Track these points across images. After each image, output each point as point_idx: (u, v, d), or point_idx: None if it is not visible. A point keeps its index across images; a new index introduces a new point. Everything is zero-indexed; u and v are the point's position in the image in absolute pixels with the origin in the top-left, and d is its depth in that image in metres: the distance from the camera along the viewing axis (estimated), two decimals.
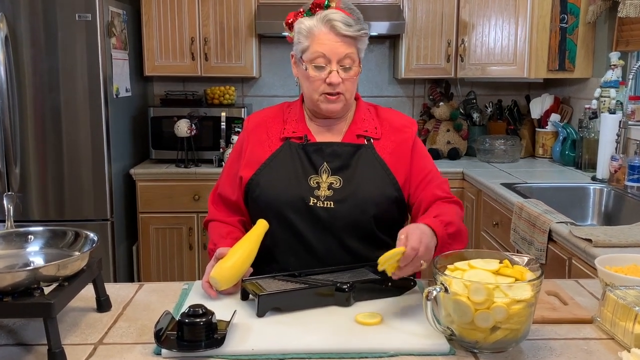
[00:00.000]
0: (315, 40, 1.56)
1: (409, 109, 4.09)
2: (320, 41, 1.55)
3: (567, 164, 3.42)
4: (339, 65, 1.56)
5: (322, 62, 1.56)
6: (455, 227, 1.49)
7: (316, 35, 1.56)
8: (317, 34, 1.56)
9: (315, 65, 1.56)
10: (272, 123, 1.70)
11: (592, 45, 3.44)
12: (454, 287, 1.12)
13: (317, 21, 1.56)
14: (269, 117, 1.72)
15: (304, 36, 1.58)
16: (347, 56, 1.55)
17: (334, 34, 1.54)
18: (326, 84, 1.56)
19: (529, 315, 1.13)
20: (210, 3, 3.58)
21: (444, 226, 1.45)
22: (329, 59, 1.55)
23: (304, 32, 1.58)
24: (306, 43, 1.58)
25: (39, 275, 1.11)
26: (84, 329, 1.25)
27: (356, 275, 1.44)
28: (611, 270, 1.35)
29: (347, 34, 1.54)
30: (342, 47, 1.55)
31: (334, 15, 1.54)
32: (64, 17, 3.08)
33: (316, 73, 1.57)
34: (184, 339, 1.14)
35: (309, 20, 1.57)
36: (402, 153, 1.65)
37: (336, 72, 1.55)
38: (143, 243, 3.51)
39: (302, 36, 1.59)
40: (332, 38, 1.55)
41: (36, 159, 3.19)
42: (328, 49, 1.55)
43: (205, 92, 3.84)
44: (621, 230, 1.98)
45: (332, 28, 1.54)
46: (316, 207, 1.56)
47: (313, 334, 1.20)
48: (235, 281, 1.41)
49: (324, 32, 1.55)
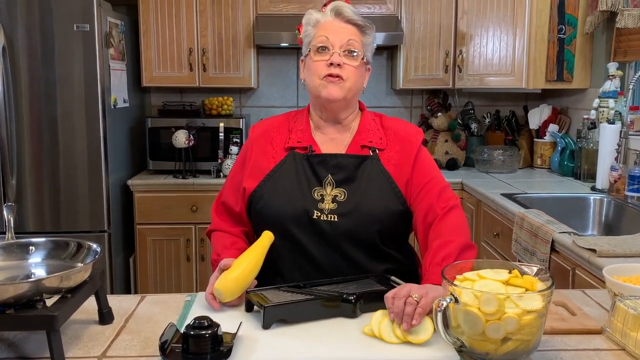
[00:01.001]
0: (321, 28, 1.61)
1: (407, 120, 4.08)
2: (325, 27, 1.60)
3: (566, 174, 3.42)
4: (343, 51, 1.58)
5: (325, 43, 1.58)
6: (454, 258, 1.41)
7: (322, 23, 1.62)
8: (323, 22, 1.62)
9: (319, 47, 1.58)
10: (277, 132, 1.68)
11: (590, 56, 3.45)
12: (464, 298, 1.10)
13: (325, 12, 1.62)
14: (274, 126, 1.70)
15: (311, 26, 1.63)
16: (351, 41, 1.58)
17: (339, 20, 1.61)
18: (327, 66, 1.56)
19: (540, 326, 1.11)
20: (208, 14, 3.58)
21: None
22: (332, 43, 1.57)
23: (312, 23, 1.63)
24: (312, 32, 1.62)
25: (41, 287, 1.08)
26: (86, 342, 1.22)
27: (362, 286, 1.42)
28: (619, 280, 1.34)
29: (352, 18, 1.60)
30: (346, 32, 1.59)
31: (340, 4, 1.61)
32: (61, 28, 3.07)
33: (319, 57, 1.58)
34: (189, 352, 1.12)
35: (318, 12, 1.64)
36: (407, 163, 1.63)
37: (338, 54, 1.57)
38: (140, 254, 3.48)
39: (309, 27, 1.63)
40: (337, 24, 1.60)
41: (33, 170, 3.17)
42: (332, 32, 1.59)
43: (203, 103, 3.83)
44: (624, 240, 1.97)
45: (337, 14, 1.61)
46: (320, 220, 1.54)
47: (320, 345, 1.18)
48: (239, 293, 1.38)
49: (330, 20, 1.61)
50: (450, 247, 1.44)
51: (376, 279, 1.47)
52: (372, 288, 1.41)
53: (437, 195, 1.59)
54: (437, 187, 1.61)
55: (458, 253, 1.43)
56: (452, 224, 1.53)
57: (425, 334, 1.20)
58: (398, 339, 1.20)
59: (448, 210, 1.55)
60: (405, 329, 1.20)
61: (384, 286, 1.41)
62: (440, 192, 1.60)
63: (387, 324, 1.23)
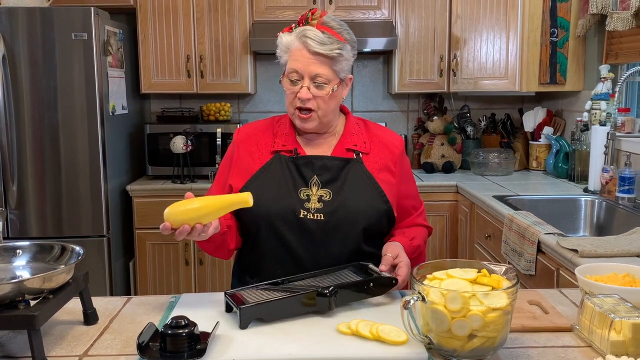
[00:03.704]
0: (291, 56, 1.60)
1: (404, 124, 4.12)
2: (294, 57, 1.59)
3: (561, 176, 3.44)
4: (312, 82, 1.58)
5: (294, 77, 1.59)
6: (419, 252, 1.71)
7: (292, 50, 1.60)
8: (292, 49, 1.59)
9: (290, 80, 1.60)
10: (262, 136, 1.72)
11: (582, 59, 3.47)
12: (431, 296, 1.13)
13: (293, 36, 1.59)
14: (259, 129, 1.74)
15: (283, 51, 1.63)
16: (319, 75, 1.57)
17: (306, 51, 1.56)
18: (297, 98, 1.59)
19: (505, 323, 1.14)
20: (205, 21, 3.63)
21: (413, 251, 1.65)
22: (302, 74, 1.58)
23: (282, 47, 1.62)
24: (285, 57, 1.62)
25: (23, 288, 1.13)
26: (69, 341, 1.26)
27: (338, 279, 1.46)
28: (591, 279, 1.37)
29: (319, 51, 1.55)
30: (313, 66, 1.57)
31: (308, 32, 1.56)
32: (61, 37, 3.13)
33: (290, 87, 1.61)
34: (166, 350, 1.15)
35: (288, 35, 1.61)
36: (389, 170, 1.70)
37: (307, 88, 1.57)
38: (140, 259, 3.53)
39: (281, 51, 1.63)
40: (305, 55, 1.57)
41: (34, 177, 3.23)
42: (301, 65, 1.57)
43: (201, 109, 3.89)
44: (607, 241, 1.99)
45: (304, 44, 1.56)
46: (306, 219, 1.58)
47: (293, 343, 1.21)
48: (181, 224, 1.37)
49: (298, 49, 1.58)
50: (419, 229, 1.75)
51: (353, 269, 1.51)
52: (348, 280, 1.44)
53: (417, 215, 1.79)
54: (416, 209, 1.80)
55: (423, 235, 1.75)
56: (423, 231, 1.78)
57: (399, 338, 1.22)
58: (372, 336, 1.23)
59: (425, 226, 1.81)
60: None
61: (360, 276, 1.45)
62: (419, 215, 1.80)
63: (364, 324, 1.26)
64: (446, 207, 3.46)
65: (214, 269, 3.55)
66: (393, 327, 1.24)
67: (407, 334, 1.21)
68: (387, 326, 1.25)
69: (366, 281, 1.42)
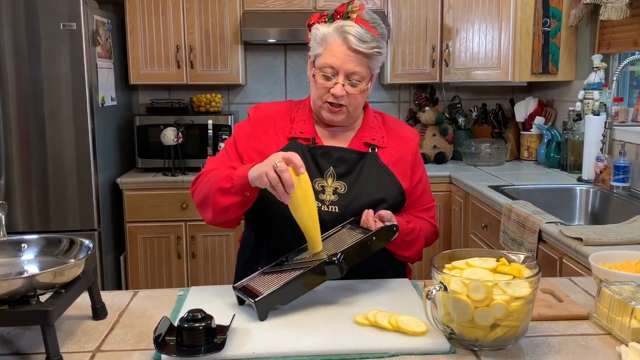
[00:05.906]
0: (327, 50, 1.54)
1: (395, 114, 4.11)
2: (332, 52, 1.53)
3: (553, 166, 3.46)
4: (347, 79, 1.55)
5: (329, 73, 1.55)
6: (414, 236, 1.64)
7: (329, 44, 1.54)
8: (330, 43, 1.54)
9: (323, 74, 1.56)
10: (280, 120, 1.67)
11: (574, 49, 3.49)
12: (453, 286, 1.12)
13: (332, 30, 1.53)
14: (278, 112, 1.69)
15: (317, 43, 1.57)
16: (356, 73, 1.54)
17: (346, 47, 1.52)
18: (330, 93, 1.56)
19: (528, 312, 1.13)
20: (195, 11, 3.57)
21: (407, 233, 1.60)
22: (337, 71, 1.54)
23: (317, 39, 1.57)
24: (319, 50, 1.57)
25: (35, 283, 1.09)
26: (80, 337, 1.23)
27: (340, 242, 1.44)
28: (604, 267, 1.36)
29: (359, 49, 1.51)
30: (351, 63, 1.52)
31: (349, 28, 1.51)
32: (47, 26, 3.06)
33: (322, 81, 1.56)
34: (183, 344, 1.13)
35: (325, 27, 1.55)
36: (406, 163, 1.69)
37: (341, 85, 1.54)
38: (131, 252, 3.48)
39: (315, 42, 1.58)
40: (344, 51, 1.52)
41: (21, 170, 3.16)
42: (338, 62, 1.53)
43: (192, 100, 3.83)
44: (610, 229, 2.00)
45: (345, 40, 1.51)
46: (321, 210, 1.54)
47: (313, 335, 1.19)
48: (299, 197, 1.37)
49: (337, 44, 1.53)
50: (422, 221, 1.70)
51: (350, 227, 1.50)
52: (350, 240, 1.42)
53: (425, 212, 1.76)
54: (427, 203, 1.76)
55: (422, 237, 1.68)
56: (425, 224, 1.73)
57: (419, 329, 1.20)
58: (392, 327, 1.21)
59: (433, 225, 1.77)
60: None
61: (360, 233, 1.44)
62: (429, 210, 1.77)
63: (382, 315, 1.25)
64: (440, 198, 3.45)
65: (207, 262, 3.51)
66: (412, 318, 1.23)
67: (426, 324, 1.19)
68: (405, 317, 1.23)
69: (369, 237, 1.39)
